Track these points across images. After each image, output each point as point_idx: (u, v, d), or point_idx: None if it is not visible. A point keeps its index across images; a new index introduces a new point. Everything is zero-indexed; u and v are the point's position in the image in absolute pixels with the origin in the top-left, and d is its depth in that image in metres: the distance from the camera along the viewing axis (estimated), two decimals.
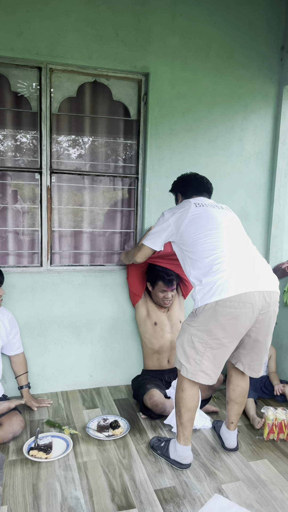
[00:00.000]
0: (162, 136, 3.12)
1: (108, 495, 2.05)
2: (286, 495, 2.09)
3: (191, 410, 2.19)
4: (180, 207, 2.36)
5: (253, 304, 2.01)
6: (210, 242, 2.14)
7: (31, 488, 2.08)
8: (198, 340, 2.08)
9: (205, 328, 2.05)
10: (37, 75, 2.91)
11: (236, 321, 2.02)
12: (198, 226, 2.22)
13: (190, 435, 2.24)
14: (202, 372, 2.10)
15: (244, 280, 2.02)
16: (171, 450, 2.30)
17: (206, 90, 3.18)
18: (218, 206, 2.38)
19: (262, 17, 3.26)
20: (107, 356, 3.23)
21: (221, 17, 3.14)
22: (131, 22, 2.94)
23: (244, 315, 2.01)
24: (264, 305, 2.05)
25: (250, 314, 2.02)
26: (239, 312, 2.00)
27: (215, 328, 2.03)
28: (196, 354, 2.09)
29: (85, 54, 2.88)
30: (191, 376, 2.12)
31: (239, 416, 2.43)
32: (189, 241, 2.22)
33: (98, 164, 3.20)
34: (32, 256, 3.13)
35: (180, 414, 2.20)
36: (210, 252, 2.11)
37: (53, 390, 3.12)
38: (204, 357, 2.08)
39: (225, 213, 2.33)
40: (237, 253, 2.12)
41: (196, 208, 2.30)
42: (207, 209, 2.30)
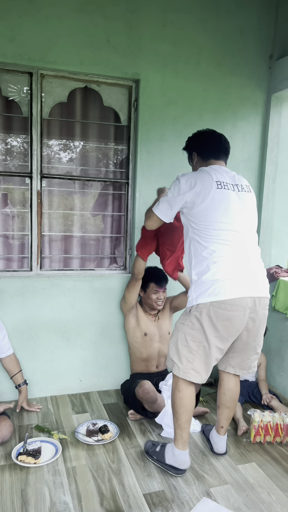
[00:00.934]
0: (152, 141, 3.15)
1: (97, 500, 2.05)
2: (273, 498, 2.11)
3: (189, 411, 2.19)
4: (199, 178, 2.15)
5: (245, 308, 2.06)
6: (218, 237, 2.09)
7: (20, 493, 2.07)
8: (192, 339, 2.11)
9: (198, 327, 2.08)
10: (28, 80, 2.92)
11: (229, 323, 2.06)
12: (213, 215, 2.10)
13: (188, 438, 2.23)
14: (193, 370, 2.12)
15: (240, 284, 2.05)
16: (168, 455, 2.26)
17: (197, 97, 3.22)
18: (239, 185, 2.22)
19: (252, 26, 3.31)
20: (96, 360, 3.23)
21: (211, 25, 3.19)
22: (122, 29, 2.97)
23: (237, 318, 2.06)
24: (253, 310, 2.10)
25: (242, 317, 2.07)
26: (232, 314, 2.04)
27: (208, 328, 2.07)
28: (189, 353, 2.12)
29: (77, 60, 2.90)
30: (182, 374, 2.14)
31: (229, 421, 2.44)
32: (199, 225, 2.13)
33: (89, 169, 3.22)
34: (22, 260, 3.12)
35: (178, 415, 2.19)
36: (214, 247, 2.08)
37: (43, 395, 3.11)
38: (196, 356, 2.11)
39: (243, 200, 2.19)
40: (239, 254, 2.11)
41: (217, 190, 2.12)
42: (228, 194, 2.14)
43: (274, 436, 2.58)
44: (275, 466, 2.38)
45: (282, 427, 2.57)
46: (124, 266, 3.33)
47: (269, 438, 2.59)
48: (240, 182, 2.25)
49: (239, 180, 2.27)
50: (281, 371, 3.29)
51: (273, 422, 2.57)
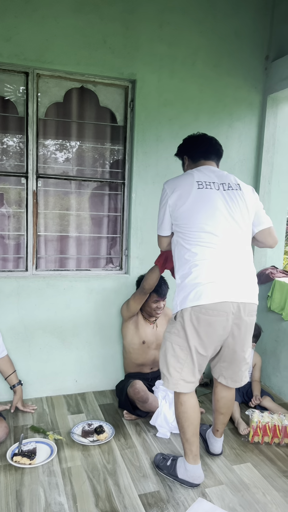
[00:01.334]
0: (148, 142, 3.15)
1: (92, 501, 2.05)
2: (268, 498, 2.11)
3: (194, 423, 2.11)
4: (180, 181, 2.13)
5: (228, 313, 1.98)
6: (200, 239, 2.02)
7: (15, 494, 2.07)
8: (179, 348, 2.05)
9: (183, 334, 2.03)
10: (24, 79, 2.91)
11: (210, 328, 1.99)
12: (194, 216, 2.04)
13: (198, 451, 2.15)
14: (183, 381, 2.07)
15: (222, 288, 1.97)
16: (180, 470, 2.18)
17: (193, 97, 3.23)
18: (225, 184, 2.11)
19: (248, 27, 3.32)
20: (92, 361, 3.23)
21: (207, 26, 3.20)
22: (119, 30, 2.97)
23: (219, 323, 1.98)
24: (238, 316, 2.01)
25: (224, 323, 1.99)
26: (213, 319, 1.97)
27: (190, 333, 2.01)
28: (177, 362, 2.07)
29: (73, 60, 2.89)
30: (172, 386, 2.09)
31: (225, 425, 2.41)
32: (182, 227, 2.09)
33: (85, 169, 3.22)
34: (18, 260, 3.12)
35: (184, 429, 2.12)
36: (196, 249, 2.02)
37: (38, 396, 3.11)
38: (185, 365, 2.06)
39: (230, 199, 2.08)
40: (223, 257, 2.01)
41: (198, 191, 2.06)
42: (210, 194, 2.06)
43: (272, 437, 2.59)
44: (270, 467, 2.38)
45: (280, 428, 2.57)
46: (120, 267, 3.33)
47: (267, 439, 2.60)
48: (227, 180, 2.14)
49: (227, 178, 2.15)
50: (276, 372, 3.30)
51: (271, 423, 2.57)
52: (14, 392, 2.83)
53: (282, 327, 3.25)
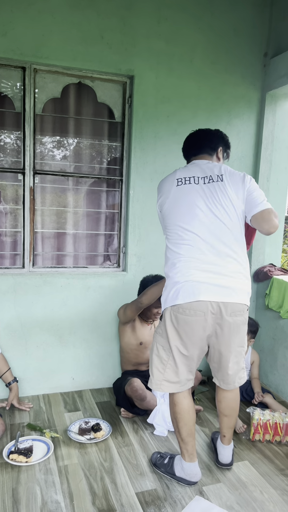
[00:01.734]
0: (146, 139, 3.13)
1: (89, 499, 2.03)
2: (266, 496, 2.11)
3: (188, 424, 2.11)
4: (164, 181, 2.15)
5: (205, 313, 1.93)
6: (178, 237, 2.00)
7: (11, 492, 2.05)
8: (162, 348, 2.05)
9: (165, 334, 2.02)
10: (21, 75, 2.89)
11: (188, 327, 1.96)
12: (173, 214, 2.03)
13: (194, 450, 2.14)
14: (166, 381, 2.06)
15: (198, 287, 1.92)
16: (177, 468, 2.18)
17: (191, 94, 3.21)
18: (207, 177, 2.03)
19: (246, 24, 3.31)
20: (89, 358, 3.21)
21: (205, 22, 3.18)
22: (116, 25, 2.95)
23: (196, 323, 1.94)
24: (219, 316, 1.95)
25: (203, 322, 1.94)
26: (190, 319, 1.94)
27: (171, 333, 2.00)
28: (160, 363, 2.06)
29: (70, 55, 2.87)
30: (155, 386, 2.09)
31: (232, 430, 2.28)
32: (166, 227, 2.09)
33: (82, 165, 3.20)
34: (14, 257, 3.10)
35: (178, 429, 2.12)
36: (176, 248, 2.00)
37: (35, 393, 3.09)
38: (167, 365, 2.04)
39: (211, 192, 1.99)
40: (201, 255, 1.95)
41: (176, 188, 2.04)
42: (187, 190, 2.02)
43: (273, 435, 2.58)
44: (268, 465, 2.37)
45: (281, 426, 2.56)
46: (118, 264, 3.31)
47: (268, 437, 2.59)
48: (210, 172, 2.03)
49: (211, 170, 2.04)
50: (274, 370, 3.29)
51: (272, 421, 2.56)
52: (10, 389, 2.81)
53: (279, 325, 3.24)
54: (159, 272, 3.18)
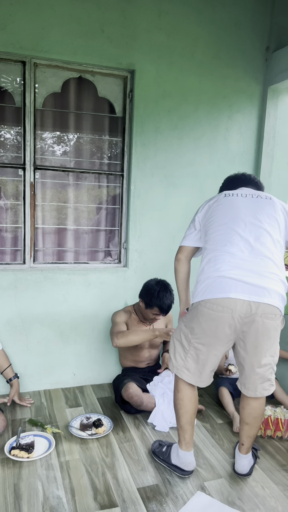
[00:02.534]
0: (147, 133, 3.11)
1: (91, 494, 2.04)
2: (267, 492, 2.11)
3: (189, 412, 2.11)
4: (213, 198, 2.22)
5: (233, 310, 1.89)
6: (219, 235, 2.03)
7: (12, 488, 2.05)
8: (184, 337, 2.07)
9: (190, 325, 2.04)
10: (21, 69, 2.87)
11: (214, 323, 1.94)
12: (217, 218, 2.08)
13: (191, 440, 2.16)
14: (187, 370, 2.07)
15: (230, 284, 1.89)
16: (173, 456, 2.22)
17: (192, 88, 3.18)
18: (254, 195, 2.12)
19: (248, 17, 3.28)
20: (90, 354, 3.21)
21: (207, 16, 3.15)
22: (116, 19, 2.92)
23: (222, 320, 1.91)
24: (247, 315, 1.89)
25: (230, 320, 1.90)
26: (216, 315, 1.92)
27: (196, 327, 2.01)
28: (182, 350, 2.08)
29: (70, 49, 2.85)
30: (176, 370, 2.10)
31: (252, 439, 2.19)
32: (207, 231, 2.11)
33: (83, 161, 3.18)
34: (15, 253, 3.09)
35: (178, 416, 2.14)
36: (214, 245, 2.02)
37: (36, 389, 3.09)
38: (188, 355, 2.06)
39: (255, 205, 2.07)
40: (241, 252, 1.95)
41: (224, 198, 2.13)
42: (235, 200, 2.10)
43: (274, 431, 2.58)
44: (269, 460, 2.37)
45: (282, 422, 2.56)
46: (119, 260, 3.30)
47: (270, 432, 2.59)
48: (258, 193, 2.14)
49: (258, 192, 2.16)
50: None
51: (273, 417, 2.56)
52: (10, 385, 2.81)
53: None
54: (161, 268, 3.18)
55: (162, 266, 3.21)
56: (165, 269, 3.11)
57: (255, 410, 2.13)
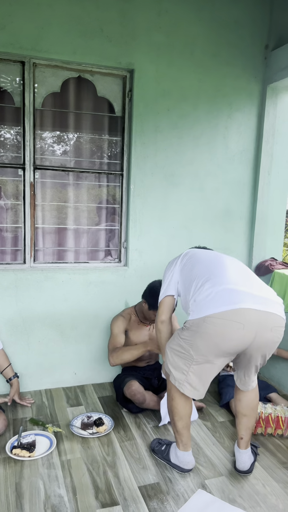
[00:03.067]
0: (147, 133, 3.11)
1: (92, 493, 2.04)
2: (268, 489, 2.11)
3: (184, 418, 2.14)
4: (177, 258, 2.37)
5: (244, 325, 1.83)
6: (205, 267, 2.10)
7: (14, 487, 2.06)
8: (185, 353, 2.00)
9: (192, 343, 1.96)
10: (20, 69, 2.87)
11: (221, 339, 1.88)
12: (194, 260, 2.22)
13: (188, 441, 2.19)
14: (188, 384, 2.03)
15: (238, 295, 1.87)
16: (172, 455, 2.24)
17: (191, 87, 3.18)
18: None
19: (247, 16, 3.27)
20: (91, 353, 3.22)
21: (206, 14, 3.14)
22: (116, 18, 2.92)
23: (232, 335, 1.86)
24: (258, 325, 1.86)
25: (240, 334, 1.85)
26: (226, 331, 1.86)
27: (201, 344, 1.93)
28: (183, 365, 2.03)
29: (69, 49, 2.85)
30: (178, 384, 2.05)
31: (250, 431, 2.22)
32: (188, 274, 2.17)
33: (83, 160, 3.18)
34: (15, 253, 3.09)
35: (174, 422, 2.16)
36: (204, 273, 2.05)
37: (37, 388, 3.10)
38: (190, 369, 2.01)
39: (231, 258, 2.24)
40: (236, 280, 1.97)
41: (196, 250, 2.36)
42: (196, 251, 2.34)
43: (275, 428, 2.58)
44: (270, 458, 2.38)
45: (283, 419, 2.57)
46: (119, 259, 3.31)
47: (270, 430, 2.59)
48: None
49: None
50: (275, 363, 3.29)
51: (273, 414, 2.57)
52: (10, 385, 2.82)
53: None
54: (161, 267, 3.17)
55: (162, 265, 3.20)
56: None
57: (252, 400, 2.21)
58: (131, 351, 2.75)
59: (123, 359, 2.76)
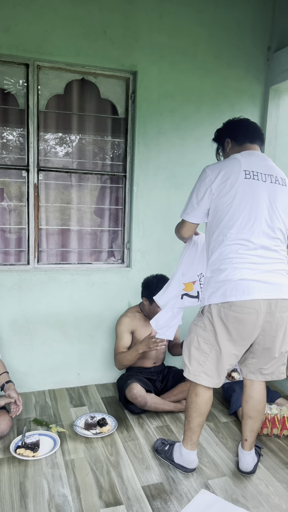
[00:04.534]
0: (149, 134, 3.13)
1: (96, 492, 2.06)
2: (271, 490, 2.12)
3: (203, 415, 2.12)
4: (226, 166, 1.97)
5: (258, 311, 1.90)
6: (238, 235, 1.94)
7: (18, 486, 2.07)
8: (204, 341, 2.02)
9: (210, 329, 1.98)
10: (24, 71, 2.89)
11: (240, 325, 1.92)
12: (236, 210, 1.94)
13: (198, 440, 2.18)
14: (205, 374, 2.04)
15: (253, 286, 1.89)
16: (176, 454, 2.24)
17: (194, 89, 3.20)
18: (273, 176, 2.01)
19: (249, 17, 3.29)
20: (94, 354, 3.23)
21: (208, 16, 3.16)
22: (118, 20, 2.94)
23: (249, 321, 1.91)
24: (269, 312, 1.93)
25: (255, 320, 1.91)
26: (243, 317, 1.90)
27: (219, 329, 1.96)
28: (200, 356, 2.03)
29: (73, 51, 2.87)
30: (192, 377, 2.07)
31: (255, 434, 2.22)
32: (220, 220, 1.97)
33: (86, 162, 3.20)
34: (19, 254, 3.11)
35: (191, 419, 2.13)
36: (232, 245, 1.94)
37: (40, 389, 3.11)
38: (208, 359, 2.02)
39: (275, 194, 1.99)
40: (257, 255, 1.94)
41: (244, 181, 1.94)
42: (256, 187, 1.95)
43: (281, 429, 2.59)
44: (273, 458, 2.39)
45: None
46: (122, 260, 3.32)
47: (276, 431, 2.60)
48: (275, 173, 2.02)
49: (275, 170, 2.04)
50: None
51: (279, 415, 2.57)
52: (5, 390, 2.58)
53: None
54: (164, 268, 3.19)
55: (165, 266, 3.22)
56: (168, 269, 3.13)
57: (259, 402, 2.18)
58: (127, 357, 2.83)
59: (124, 364, 2.87)
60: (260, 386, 2.19)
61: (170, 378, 2.98)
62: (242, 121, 2.19)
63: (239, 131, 2.14)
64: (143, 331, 2.94)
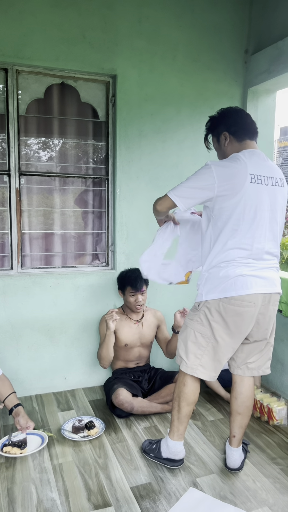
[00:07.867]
0: (131, 137, 3.15)
1: (84, 495, 2.05)
2: (258, 485, 2.15)
3: (191, 405, 2.16)
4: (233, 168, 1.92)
5: (255, 304, 1.99)
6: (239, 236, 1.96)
7: (6, 492, 2.06)
8: (201, 335, 2.05)
9: (207, 323, 2.03)
10: (3, 76, 2.88)
11: (238, 318, 1.99)
12: (240, 213, 1.93)
13: (184, 432, 2.22)
14: (202, 367, 2.08)
15: (251, 282, 1.96)
16: (163, 449, 2.27)
17: (174, 92, 3.23)
18: (273, 178, 2.00)
19: (227, 21, 3.34)
20: (81, 357, 3.22)
21: (186, 20, 3.20)
22: (98, 24, 2.96)
23: (247, 314, 1.99)
24: (263, 305, 2.02)
25: (252, 312, 2.00)
26: (242, 310, 1.97)
27: (217, 323, 2.01)
28: (197, 349, 2.07)
29: (52, 55, 2.88)
30: (190, 371, 2.09)
31: (243, 430, 2.25)
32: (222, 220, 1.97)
33: (68, 165, 3.20)
34: (2, 259, 3.09)
35: (179, 408, 2.16)
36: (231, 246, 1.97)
37: (27, 394, 3.09)
38: (205, 352, 2.05)
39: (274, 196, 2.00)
40: (255, 256, 2.00)
41: (250, 185, 1.91)
42: (260, 191, 1.95)
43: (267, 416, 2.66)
44: (260, 454, 2.42)
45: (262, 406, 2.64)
46: (107, 262, 3.33)
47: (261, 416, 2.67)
48: (274, 174, 2.03)
49: (275, 171, 2.04)
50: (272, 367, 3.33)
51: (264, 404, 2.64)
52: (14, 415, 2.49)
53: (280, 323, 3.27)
54: None
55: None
56: None
57: (247, 397, 2.22)
58: (101, 347, 2.92)
59: (102, 356, 2.91)
60: (249, 382, 2.23)
61: (157, 379, 3.00)
62: (238, 112, 2.11)
63: (237, 125, 2.05)
64: (124, 331, 2.96)
